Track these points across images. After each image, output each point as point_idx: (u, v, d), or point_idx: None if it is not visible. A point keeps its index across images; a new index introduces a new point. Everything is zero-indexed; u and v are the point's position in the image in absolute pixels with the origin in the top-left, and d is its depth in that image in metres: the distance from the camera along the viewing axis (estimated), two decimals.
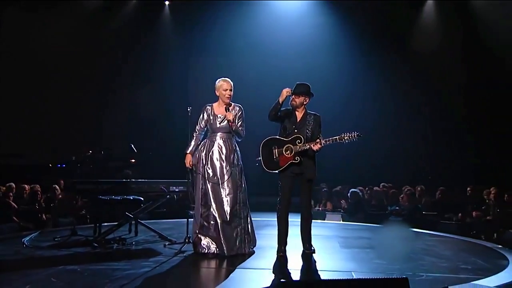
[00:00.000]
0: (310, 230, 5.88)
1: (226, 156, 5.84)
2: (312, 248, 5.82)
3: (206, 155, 5.89)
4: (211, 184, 5.79)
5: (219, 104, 6.00)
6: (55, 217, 8.98)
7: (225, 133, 5.93)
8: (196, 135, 6.05)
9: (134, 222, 7.22)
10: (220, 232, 5.64)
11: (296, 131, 5.74)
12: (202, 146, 5.98)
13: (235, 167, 5.87)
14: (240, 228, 5.79)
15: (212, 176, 5.81)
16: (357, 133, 5.45)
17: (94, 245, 6.36)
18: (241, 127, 5.96)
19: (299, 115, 5.85)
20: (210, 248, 5.72)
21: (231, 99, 5.97)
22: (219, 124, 5.93)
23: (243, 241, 5.80)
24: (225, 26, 13.30)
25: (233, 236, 5.71)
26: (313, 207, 8.38)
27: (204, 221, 5.77)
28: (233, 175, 5.82)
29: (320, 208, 10.68)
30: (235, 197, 5.77)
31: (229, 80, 5.99)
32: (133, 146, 7.27)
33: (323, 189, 11.10)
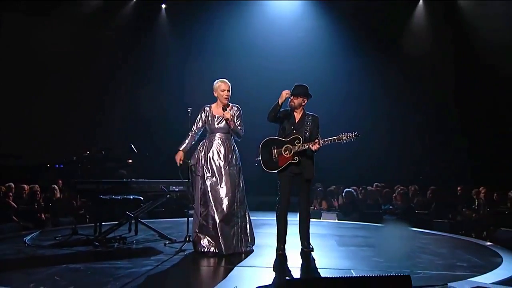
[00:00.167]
0: (308, 228, 5.86)
1: (224, 156, 5.82)
2: (310, 247, 5.81)
3: (205, 155, 5.86)
4: (209, 184, 5.75)
5: (217, 105, 5.98)
6: (55, 217, 8.90)
7: (224, 133, 5.91)
8: (191, 134, 6.03)
9: (134, 221, 7.18)
10: (218, 231, 5.61)
11: (294, 131, 5.73)
12: (201, 147, 5.96)
13: (233, 167, 5.84)
14: (237, 227, 5.76)
15: (210, 176, 5.78)
16: (355, 134, 5.46)
17: (95, 244, 6.32)
18: (239, 126, 5.94)
19: (297, 116, 5.84)
20: (209, 247, 5.68)
21: (229, 100, 5.94)
22: (217, 124, 5.91)
23: (240, 240, 5.77)
24: (221, 28, 13.28)
25: (231, 235, 5.69)
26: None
27: (203, 221, 5.74)
28: (231, 175, 5.80)
29: (315, 207, 10.67)
30: (233, 197, 5.74)
31: (226, 81, 5.97)
32: (133, 146, 7.20)
33: (318, 188, 11.09)
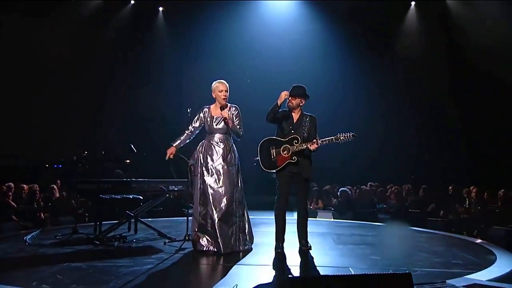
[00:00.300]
0: (307, 227, 5.84)
1: (223, 156, 5.80)
2: (308, 245, 5.79)
3: (204, 155, 5.84)
4: (208, 184, 5.73)
5: (216, 105, 5.96)
6: (54, 216, 8.84)
7: (223, 134, 5.89)
8: (187, 132, 6.00)
9: (134, 220, 7.13)
10: (217, 230, 5.58)
11: (293, 131, 5.72)
12: (200, 147, 5.94)
13: (232, 166, 5.82)
14: (235, 226, 5.74)
15: (209, 175, 5.76)
16: (352, 134, 5.48)
17: (96, 242, 6.28)
18: (238, 126, 5.91)
19: (295, 116, 5.83)
20: (208, 246, 5.65)
21: (227, 100, 5.92)
22: (216, 125, 5.89)
23: (238, 239, 5.76)
24: (217, 31, 13.24)
25: (229, 234, 5.67)
26: None
27: (202, 220, 5.71)
28: (230, 174, 5.77)
29: (311, 206, 10.66)
30: (231, 196, 5.72)
31: (224, 82, 5.95)
32: (133, 146, 7.16)
33: (313, 188, 11.09)
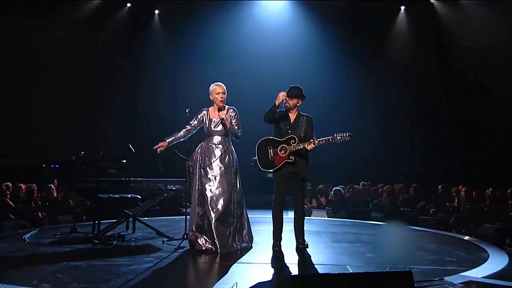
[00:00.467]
0: (303, 226, 5.82)
1: (221, 158, 5.74)
2: (305, 243, 5.77)
3: (202, 157, 5.79)
4: (206, 185, 5.67)
5: (214, 108, 5.91)
6: (52, 215, 8.72)
7: (221, 136, 5.84)
8: (183, 130, 5.93)
9: (132, 219, 7.05)
10: (213, 230, 5.51)
11: (290, 131, 5.69)
12: (199, 149, 5.89)
13: (230, 168, 5.76)
14: (233, 227, 5.68)
15: (207, 177, 5.70)
16: (349, 133, 5.46)
17: (95, 241, 6.20)
18: (237, 127, 5.85)
19: (292, 116, 5.80)
20: (205, 245, 5.57)
21: (224, 102, 5.86)
22: (214, 128, 5.83)
23: (234, 239, 5.68)
24: (213, 33, 13.16)
25: (226, 235, 5.60)
26: None
27: (200, 220, 5.65)
28: (228, 176, 5.72)
29: (306, 205, 10.63)
30: (229, 198, 5.66)
31: (221, 84, 5.90)
32: (131, 146, 7.05)
33: (307, 187, 11.04)
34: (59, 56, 11.82)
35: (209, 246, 5.53)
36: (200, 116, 5.92)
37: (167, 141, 5.86)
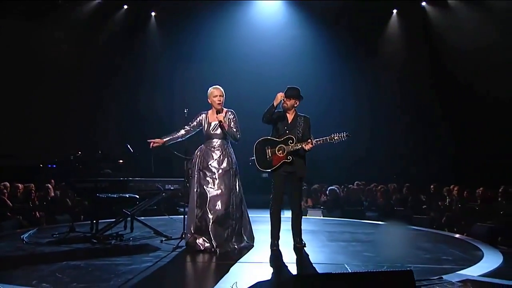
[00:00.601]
0: (300, 225, 5.78)
1: (220, 160, 5.68)
2: (303, 242, 5.72)
3: (201, 159, 5.73)
4: (205, 187, 5.60)
5: (212, 111, 5.84)
6: (50, 215, 8.60)
7: (220, 139, 5.77)
8: (182, 131, 5.86)
9: (130, 219, 6.96)
10: (211, 231, 5.44)
11: (287, 132, 5.65)
12: (198, 151, 5.83)
13: (229, 170, 5.69)
14: (231, 229, 5.59)
15: (206, 179, 5.62)
16: (346, 133, 5.42)
17: (93, 241, 6.11)
18: (235, 129, 5.79)
19: (290, 117, 5.76)
20: (205, 246, 5.48)
21: (222, 105, 5.80)
22: (213, 131, 5.77)
23: (232, 240, 5.60)
24: (209, 35, 13.15)
25: (224, 236, 5.51)
26: None
27: (199, 222, 5.56)
28: (227, 178, 5.65)
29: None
30: (227, 200, 5.58)
31: (219, 87, 5.83)
32: (129, 146, 6.95)
33: (303, 187, 10.98)
34: (58, 57, 11.73)
35: (208, 246, 5.45)
36: (199, 119, 5.86)
37: (164, 139, 5.81)
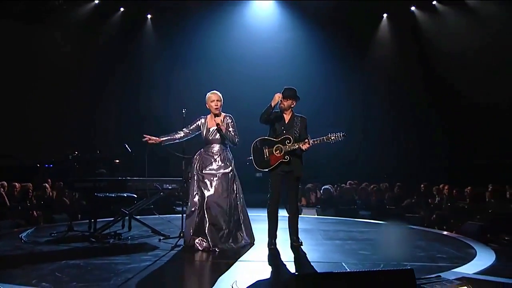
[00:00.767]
0: (297, 224, 5.70)
1: (219, 165, 5.61)
2: (299, 241, 5.65)
3: (200, 163, 5.66)
4: (204, 189, 5.52)
5: (211, 116, 5.78)
6: (48, 214, 8.45)
7: (219, 144, 5.70)
8: (180, 133, 5.79)
9: (128, 218, 6.84)
10: (208, 233, 5.36)
11: (284, 132, 5.60)
12: (198, 155, 5.76)
13: (227, 174, 5.61)
14: (227, 231, 5.50)
15: (204, 182, 5.55)
16: (343, 133, 5.37)
17: (92, 240, 6.01)
18: (233, 133, 5.73)
19: (287, 117, 5.70)
20: (203, 246, 5.40)
21: (220, 109, 5.73)
22: (211, 136, 5.71)
23: (228, 241, 5.50)
24: (204, 38, 13.07)
25: (219, 238, 5.42)
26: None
27: (197, 224, 5.48)
28: (224, 182, 5.57)
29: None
30: (225, 202, 5.51)
31: (216, 92, 5.77)
32: (127, 146, 6.85)
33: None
34: (55, 58, 11.58)
35: (206, 246, 5.38)
36: (197, 123, 5.81)
37: (162, 139, 5.74)
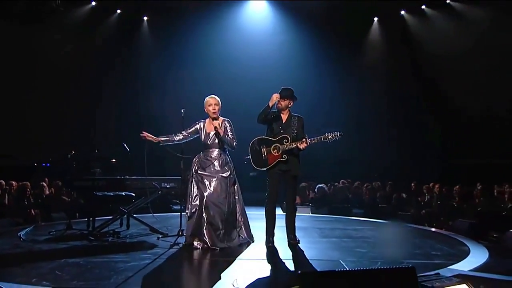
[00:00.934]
0: (294, 222, 5.66)
1: (217, 169, 5.50)
2: (297, 239, 5.59)
3: (199, 166, 5.56)
4: (203, 191, 5.41)
5: (209, 121, 5.69)
6: (46, 212, 8.30)
7: (217, 148, 5.61)
8: (179, 135, 5.70)
9: (126, 216, 6.73)
10: (207, 232, 5.27)
11: (282, 131, 5.55)
12: (197, 158, 5.68)
13: (226, 178, 5.50)
14: (224, 231, 5.38)
15: (202, 184, 5.45)
16: (340, 133, 5.35)
17: (90, 238, 5.89)
18: (231, 137, 5.64)
19: (284, 117, 5.65)
20: (202, 245, 5.31)
21: (217, 114, 5.64)
22: (210, 141, 5.63)
23: (224, 242, 5.37)
24: (200, 39, 13.01)
25: (216, 238, 5.31)
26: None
27: (196, 224, 5.37)
28: (223, 184, 5.46)
29: None
30: (224, 203, 5.41)
31: (214, 97, 5.68)
32: (125, 145, 6.73)
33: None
34: (54, 59, 11.46)
35: (205, 245, 5.28)
36: (196, 127, 5.72)
37: (160, 139, 5.64)
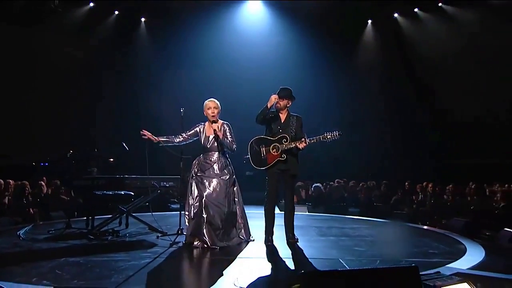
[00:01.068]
0: (293, 221, 5.60)
1: (217, 172, 5.44)
2: (295, 238, 5.54)
3: (198, 168, 5.50)
4: (202, 191, 5.34)
5: (209, 124, 5.61)
6: (45, 211, 8.18)
7: (217, 151, 5.54)
8: (179, 137, 5.62)
9: (125, 215, 6.63)
10: (207, 232, 5.20)
11: (281, 131, 5.49)
12: (197, 160, 5.61)
13: (226, 180, 5.44)
14: (223, 231, 5.32)
15: (202, 185, 5.37)
16: (338, 133, 5.30)
17: (90, 237, 5.80)
18: (230, 140, 5.56)
19: (283, 117, 5.60)
20: (202, 245, 5.22)
21: (216, 117, 5.55)
22: (209, 145, 5.56)
23: (223, 242, 5.31)
24: (197, 41, 12.91)
25: (216, 237, 5.25)
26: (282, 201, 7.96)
27: (195, 224, 5.30)
28: (222, 185, 5.40)
29: None
30: (224, 203, 5.34)
31: (213, 100, 5.59)
32: (124, 144, 6.63)
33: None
34: (54, 59, 11.33)
35: (205, 245, 5.20)
36: (196, 129, 5.65)
37: (159, 139, 5.54)
